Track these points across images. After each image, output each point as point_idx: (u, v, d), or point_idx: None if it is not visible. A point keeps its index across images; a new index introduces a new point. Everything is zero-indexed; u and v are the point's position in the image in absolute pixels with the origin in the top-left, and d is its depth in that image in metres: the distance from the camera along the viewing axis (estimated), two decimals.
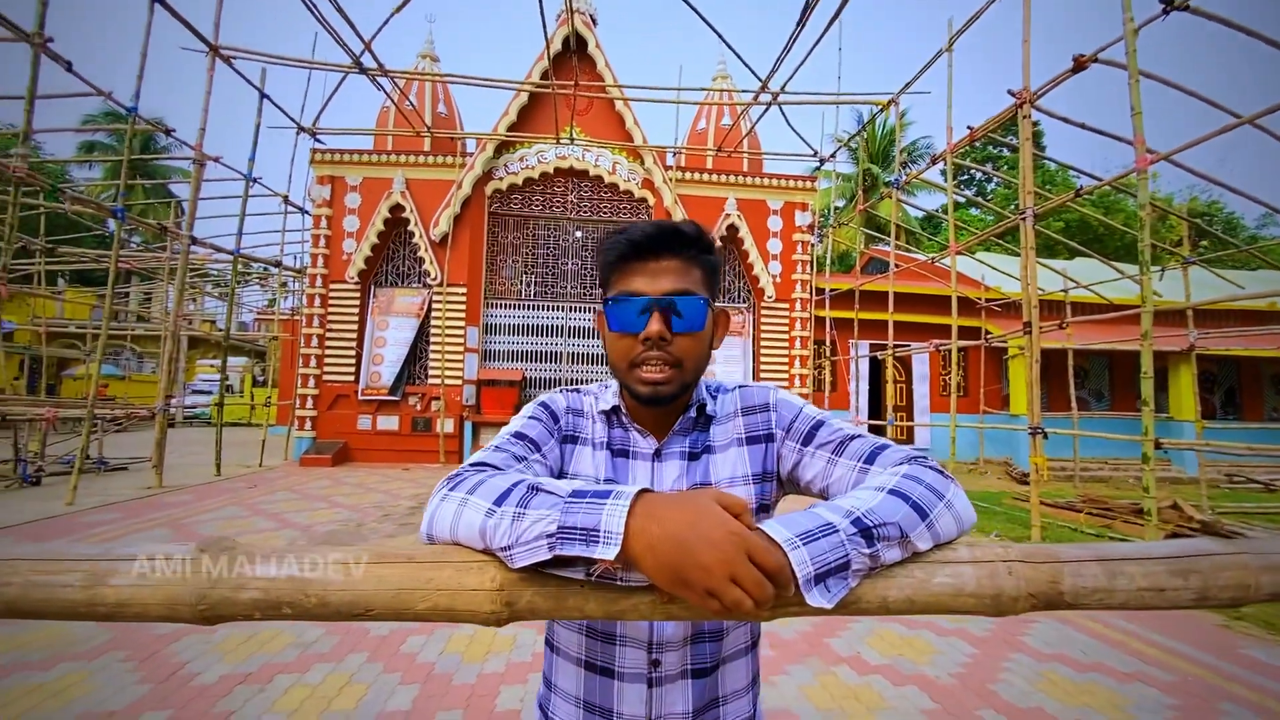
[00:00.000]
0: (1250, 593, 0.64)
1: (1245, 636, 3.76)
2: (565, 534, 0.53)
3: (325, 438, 10.97)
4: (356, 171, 11.32)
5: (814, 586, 0.54)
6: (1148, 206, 5.03)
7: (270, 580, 0.56)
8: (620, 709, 0.78)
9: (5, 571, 0.55)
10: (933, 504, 0.63)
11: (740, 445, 0.85)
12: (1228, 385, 14.45)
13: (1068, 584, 0.61)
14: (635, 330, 0.77)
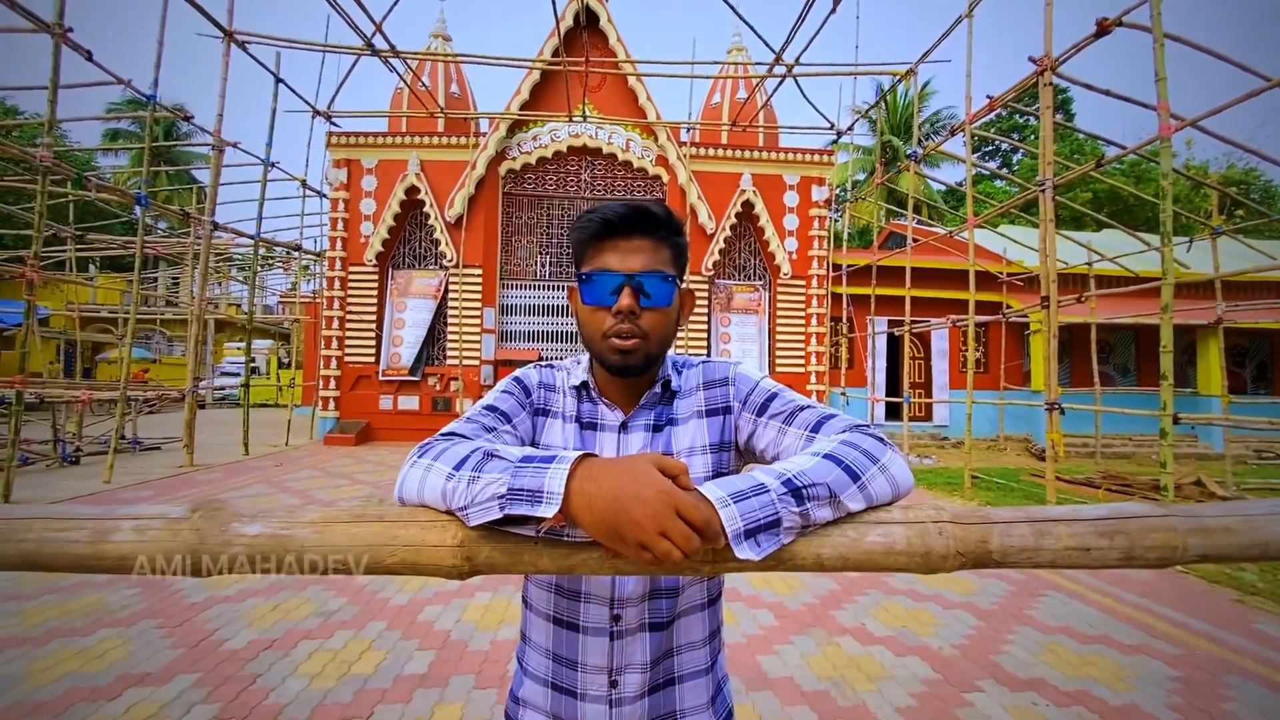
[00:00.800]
0: (1178, 554, 0.67)
1: (1259, 611, 3.74)
2: (514, 495, 0.58)
3: (348, 417, 11.23)
4: (372, 154, 11.40)
5: (744, 541, 0.58)
6: (1170, 175, 4.89)
7: (253, 538, 0.62)
8: (585, 660, 0.83)
9: (21, 528, 0.61)
10: (866, 467, 0.67)
11: (700, 417, 0.89)
12: (1259, 359, 14.05)
13: (996, 543, 0.65)
14: (607, 304, 0.82)
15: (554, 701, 0.85)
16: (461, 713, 2.42)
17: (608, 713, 0.83)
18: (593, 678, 0.83)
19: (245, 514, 0.63)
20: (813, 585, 4.05)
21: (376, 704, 2.46)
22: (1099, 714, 2.52)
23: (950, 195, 24.70)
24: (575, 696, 0.84)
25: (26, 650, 2.83)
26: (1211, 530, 0.67)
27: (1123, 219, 19.50)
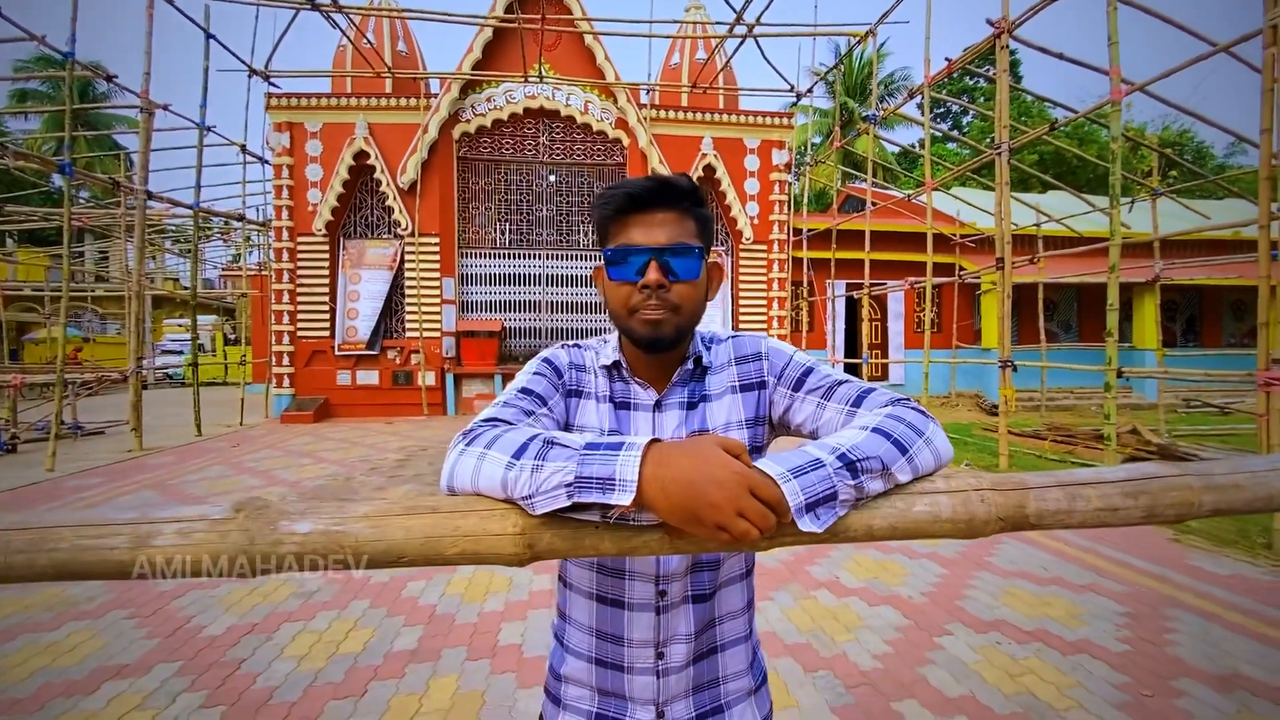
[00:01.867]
0: (1193, 509, 0.71)
1: (1192, 549, 4.06)
2: (582, 483, 0.58)
3: (305, 394, 10.89)
4: (316, 117, 10.81)
5: (805, 514, 0.59)
6: (1120, 139, 5.07)
7: (305, 535, 0.60)
8: (631, 635, 0.84)
9: (52, 537, 0.58)
10: (913, 440, 0.69)
11: (735, 393, 0.89)
12: (1189, 313, 14.94)
13: (1032, 507, 0.68)
14: (634, 279, 0.81)
15: (599, 676, 0.87)
16: (456, 684, 2.44)
17: (655, 684, 0.85)
18: (639, 651, 0.85)
19: (293, 511, 0.61)
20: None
21: (370, 681, 2.46)
22: (1058, 650, 2.72)
23: (904, 157, 25.06)
24: (622, 670, 0.85)
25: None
26: (1222, 487, 0.72)
27: (1066, 180, 20.20)
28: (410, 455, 7.40)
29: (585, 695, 0.88)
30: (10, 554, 0.57)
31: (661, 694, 0.85)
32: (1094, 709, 2.27)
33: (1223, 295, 14.62)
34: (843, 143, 11.41)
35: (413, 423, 10.34)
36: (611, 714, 0.86)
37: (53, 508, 4.88)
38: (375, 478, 6.20)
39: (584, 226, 12.19)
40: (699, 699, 0.87)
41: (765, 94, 11.45)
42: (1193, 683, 2.44)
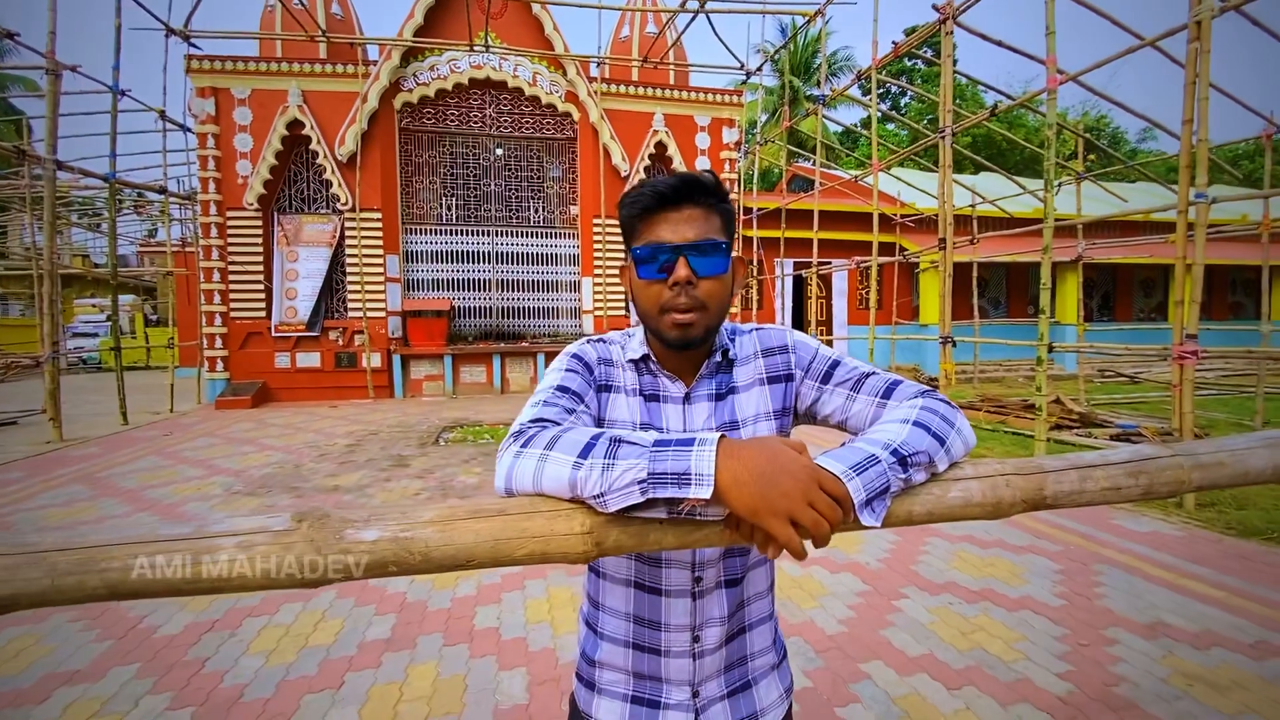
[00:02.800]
0: (1184, 486, 0.79)
1: (1116, 509, 4.42)
2: (657, 479, 0.59)
3: (241, 378, 10.36)
4: (243, 83, 10.10)
5: (864, 509, 0.63)
6: (1054, 126, 5.34)
7: (373, 543, 0.59)
8: (669, 620, 0.87)
9: (101, 557, 0.55)
10: (947, 432, 0.73)
11: (763, 385, 0.92)
12: (1104, 290, 16.03)
13: (1050, 490, 0.74)
14: (663, 277, 0.81)
15: (636, 660, 0.89)
16: (436, 670, 2.43)
17: (691, 665, 0.88)
18: (676, 635, 0.87)
19: (357, 519, 0.60)
20: None
21: (345, 672, 2.42)
22: (1003, 607, 2.93)
23: (846, 136, 25.59)
24: (659, 654, 0.88)
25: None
26: (1208, 465, 0.80)
27: (996, 162, 21.12)
28: (360, 440, 7.18)
29: (620, 679, 0.91)
30: (59, 576, 0.55)
31: (696, 675, 0.88)
32: (1038, 660, 2.48)
33: (1135, 273, 15.74)
34: (792, 122, 11.55)
35: (359, 406, 10.01)
36: (647, 696, 0.89)
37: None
38: (326, 464, 6.00)
39: (534, 203, 11.95)
40: (729, 677, 0.91)
41: (716, 70, 11.42)
42: (1122, 631, 2.68)
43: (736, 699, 0.91)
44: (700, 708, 0.89)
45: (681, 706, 0.88)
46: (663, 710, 0.89)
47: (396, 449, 6.63)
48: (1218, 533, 3.90)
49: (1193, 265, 4.34)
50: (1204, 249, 4.29)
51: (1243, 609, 2.87)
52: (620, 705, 0.90)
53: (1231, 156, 22.74)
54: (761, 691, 0.93)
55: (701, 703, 0.89)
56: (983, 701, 2.22)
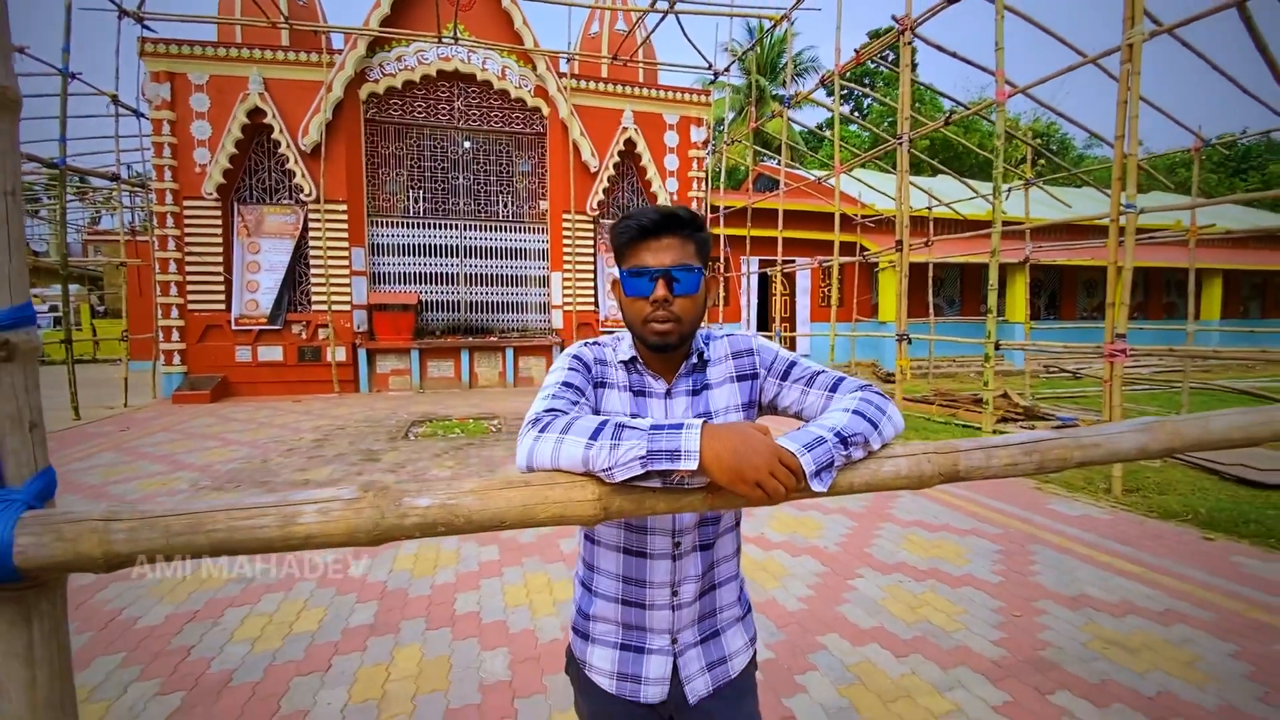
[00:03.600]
0: (1068, 462, 0.99)
1: (1051, 495, 4.78)
2: (654, 455, 0.75)
3: (199, 372, 10.12)
4: (201, 68, 9.83)
5: (814, 478, 0.80)
6: (1003, 135, 5.67)
7: (426, 509, 0.73)
8: (652, 578, 1.04)
9: (208, 520, 0.68)
10: (880, 418, 0.91)
11: (733, 382, 1.09)
12: (1051, 290, 16.83)
13: (963, 464, 0.92)
14: (645, 294, 0.98)
15: (624, 613, 1.06)
16: (421, 652, 2.55)
17: (670, 616, 1.05)
18: (658, 591, 1.04)
19: (412, 489, 0.74)
20: None
21: (332, 656, 2.51)
22: (948, 585, 3.19)
23: (810, 137, 26.10)
24: (644, 607, 1.05)
25: None
26: (1086, 445, 1.00)
27: (952, 165, 21.87)
28: (327, 435, 7.15)
29: (611, 630, 1.07)
30: (172, 536, 0.67)
31: (675, 624, 1.05)
32: (977, 630, 2.73)
33: (1079, 274, 16.56)
34: (759, 123, 11.80)
35: (324, 400, 9.90)
36: (634, 644, 1.06)
37: None
38: (294, 459, 5.98)
39: (503, 197, 11.94)
40: (702, 626, 1.08)
41: (684, 70, 11.60)
42: (1050, 603, 2.96)
43: (708, 645, 1.08)
44: (678, 652, 1.06)
45: (662, 651, 1.05)
46: (646, 655, 1.05)
47: (366, 444, 6.63)
48: (1141, 515, 4.26)
49: (1123, 269, 4.71)
50: (1133, 254, 4.65)
51: (1156, 582, 3.20)
52: (611, 652, 1.07)
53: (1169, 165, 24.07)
54: (728, 639, 1.11)
55: (679, 648, 1.06)
56: (927, 666, 2.45)
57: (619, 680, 1.06)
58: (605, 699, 1.07)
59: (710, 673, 1.08)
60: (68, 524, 0.66)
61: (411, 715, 2.16)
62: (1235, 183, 27.41)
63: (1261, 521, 3.98)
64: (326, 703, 2.22)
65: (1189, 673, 2.40)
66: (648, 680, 1.05)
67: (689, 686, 1.06)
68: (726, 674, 1.09)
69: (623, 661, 1.06)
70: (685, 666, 1.06)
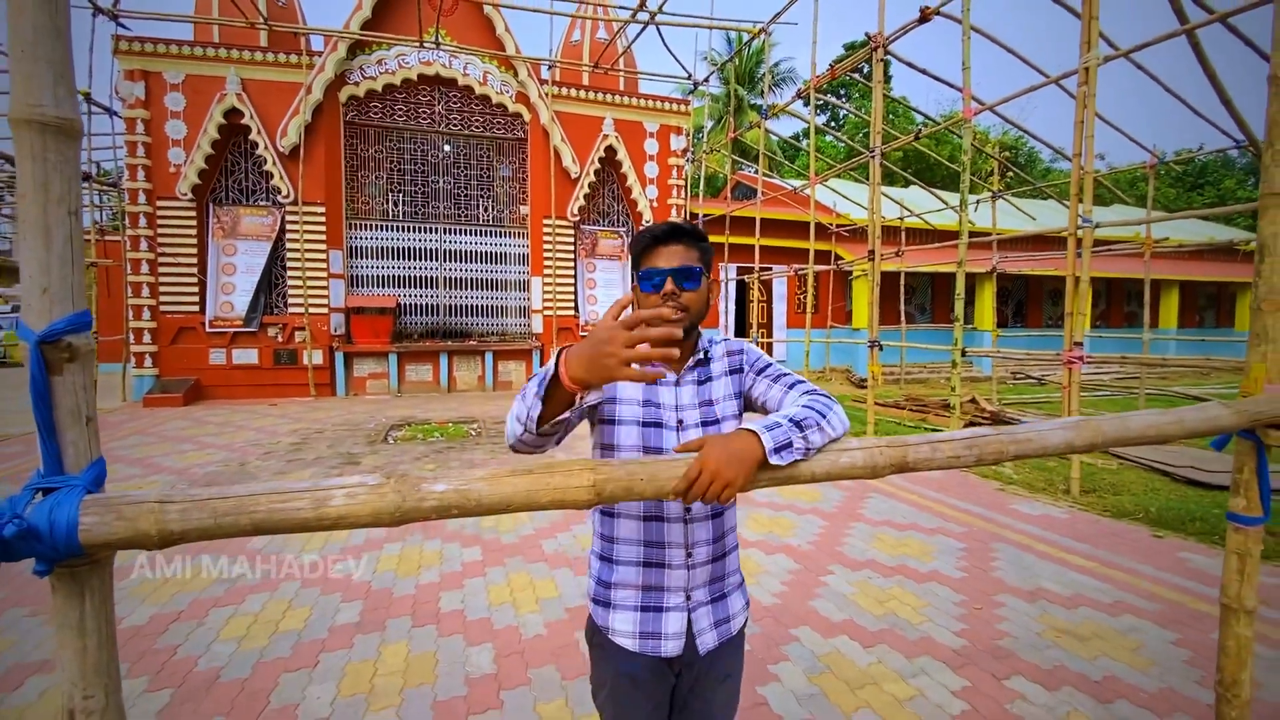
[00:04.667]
0: (1004, 455, 1.12)
1: (1014, 496, 4.99)
2: (539, 383, 0.97)
3: (171, 375, 9.95)
4: (176, 67, 9.72)
5: (775, 455, 0.97)
6: (970, 151, 5.92)
7: (442, 493, 0.83)
8: (669, 540, 1.19)
9: (250, 503, 0.77)
10: (827, 412, 1.08)
11: (726, 375, 1.28)
12: (1018, 299, 17.34)
13: (911, 456, 1.05)
14: (657, 290, 1.18)
15: (645, 575, 1.20)
16: (408, 649, 2.61)
17: (686, 575, 1.20)
18: (675, 551, 1.19)
19: (429, 476, 0.84)
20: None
21: (319, 653, 2.57)
22: (914, 580, 3.35)
23: (787, 146, 26.51)
24: (663, 567, 1.19)
25: None
26: (1020, 440, 1.13)
27: (924, 176, 22.42)
28: (306, 438, 7.12)
29: (631, 595, 1.21)
30: (219, 516, 0.76)
31: (690, 582, 1.20)
32: (940, 622, 2.88)
33: (1044, 284, 17.10)
34: (737, 133, 12.02)
35: (301, 404, 9.81)
36: (653, 604, 1.20)
37: None
38: (272, 461, 5.96)
39: (484, 201, 11.97)
40: (713, 588, 1.24)
41: (664, 79, 11.77)
42: (1009, 597, 3.13)
43: (716, 605, 1.24)
44: (692, 608, 1.20)
45: (678, 608, 1.20)
46: (665, 612, 1.20)
47: (345, 447, 6.63)
48: (1097, 514, 4.49)
49: (1081, 280, 4.95)
50: (1089, 266, 4.90)
51: (1107, 576, 3.39)
52: (632, 614, 1.20)
53: (1130, 179, 24.95)
54: (731, 602, 1.27)
55: (693, 604, 1.21)
56: (892, 656, 2.59)
57: (641, 639, 1.19)
58: (628, 658, 1.20)
59: (717, 629, 1.23)
60: (127, 505, 0.74)
61: (400, 708, 2.23)
62: (1193, 197, 28.51)
63: (1207, 520, 4.22)
64: (316, 697, 2.28)
65: (1133, 658, 2.58)
66: (667, 635, 1.19)
67: (700, 640, 1.20)
68: (729, 631, 1.25)
69: (644, 621, 1.20)
70: (697, 621, 1.20)
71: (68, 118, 0.75)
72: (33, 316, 0.73)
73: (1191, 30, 5.06)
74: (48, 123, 0.73)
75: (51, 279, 0.74)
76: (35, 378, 0.74)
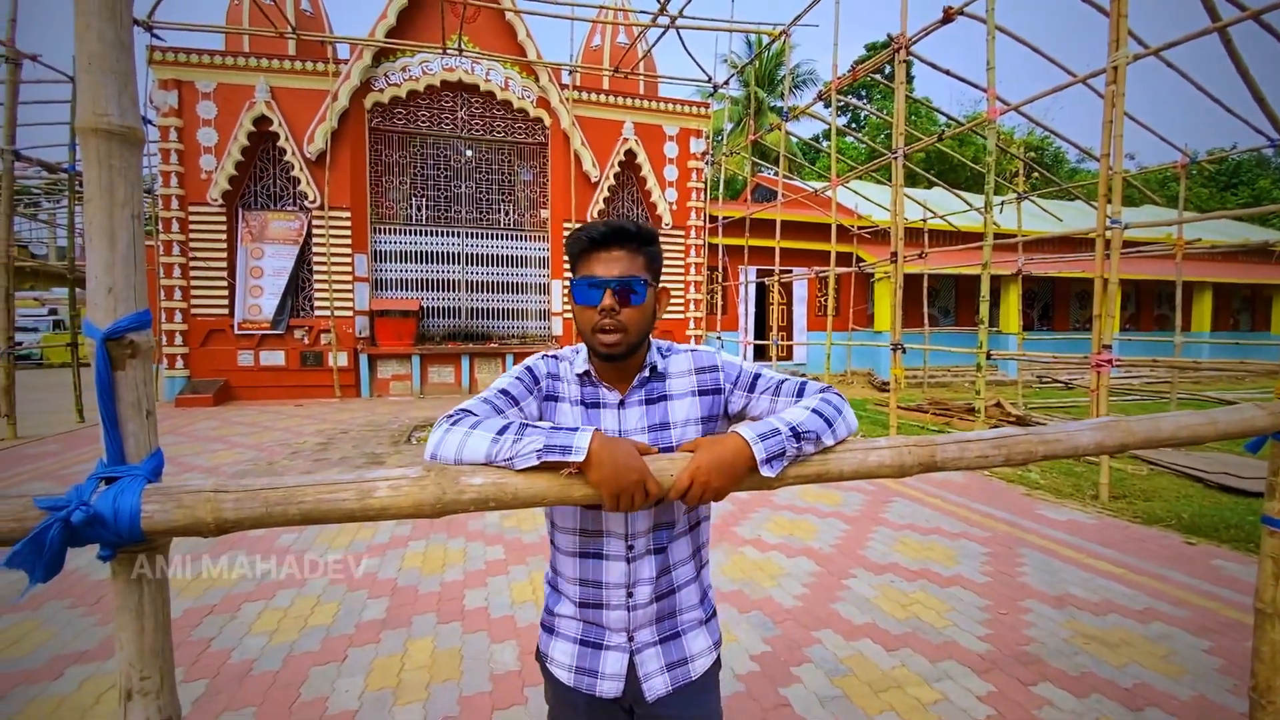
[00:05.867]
0: (1033, 456, 1.12)
1: (1040, 501, 4.91)
2: (549, 449, 0.87)
3: (201, 376, 10.21)
4: (209, 76, 9.98)
5: (765, 464, 0.93)
6: (994, 153, 5.85)
7: (480, 486, 0.86)
8: (608, 580, 1.09)
9: (299, 494, 0.81)
10: (835, 417, 1.02)
11: (694, 395, 1.13)
12: (1044, 301, 17.04)
13: (939, 456, 1.06)
14: (594, 304, 1.03)
15: (584, 612, 1.12)
16: (433, 645, 2.65)
17: (626, 616, 1.10)
18: (614, 592, 1.09)
19: (466, 470, 0.87)
20: (715, 508, 4.65)
21: (347, 648, 2.62)
22: (937, 584, 3.31)
23: (808, 148, 26.37)
24: (601, 607, 1.10)
25: None
26: (1049, 441, 1.13)
27: (948, 176, 22.15)
28: (331, 438, 7.25)
29: (573, 625, 1.13)
30: (270, 506, 0.80)
31: (632, 624, 1.10)
32: (965, 627, 2.85)
33: (1071, 286, 16.78)
34: (757, 135, 12.00)
35: (326, 405, 9.99)
36: (593, 639, 1.12)
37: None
38: (299, 461, 6.08)
39: (505, 205, 12.10)
40: (661, 627, 1.12)
41: (684, 82, 11.80)
42: (1035, 603, 3.09)
43: (668, 645, 1.12)
44: (635, 650, 1.10)
45: (619, 648, 1.10)
46: (604, 650, 1.11)
47: (369, 447, 6.73)
48: (1126, 520, 4.40)
49: (1109, 282, 4.87)
50: (1118, 268, 4.81)
51: (1137, 583, 3.33)
52: (571, 646, 1.13)
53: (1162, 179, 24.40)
54: (690, 641, 1.14)
55: (636, 646, 1.10)
56: (916, 660, 2.57)
57: (576, 674, 1.11)
58: (565, 691, 1.12)
59: (670, 673, 1.11)
60: (187, 494, 0.78)
61: (426, 702, 2.27)
62: (1226, 197, 27.78)
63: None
64: (345, 690, 2.33)
65: (1164, 666, 2.53)
66: (603, 675, 1.09)
67: (646, 684, 1.09)
68: (687, 675, 1.12)
69: (580, 656, 1.11)
70: (643, 665, 1.10)
71: (131, 126, 0.79)
72: (99, 314, 0.78)
73: (1224, 27, 4.95)
74: (113, 131, 0.77)
75: (116, 279, 0.78)
76: (100, 373, 0.78)
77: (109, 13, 0.76)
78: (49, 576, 0.75)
